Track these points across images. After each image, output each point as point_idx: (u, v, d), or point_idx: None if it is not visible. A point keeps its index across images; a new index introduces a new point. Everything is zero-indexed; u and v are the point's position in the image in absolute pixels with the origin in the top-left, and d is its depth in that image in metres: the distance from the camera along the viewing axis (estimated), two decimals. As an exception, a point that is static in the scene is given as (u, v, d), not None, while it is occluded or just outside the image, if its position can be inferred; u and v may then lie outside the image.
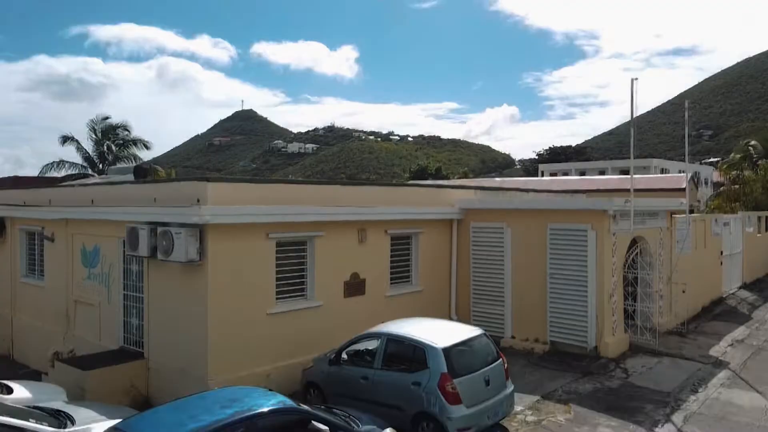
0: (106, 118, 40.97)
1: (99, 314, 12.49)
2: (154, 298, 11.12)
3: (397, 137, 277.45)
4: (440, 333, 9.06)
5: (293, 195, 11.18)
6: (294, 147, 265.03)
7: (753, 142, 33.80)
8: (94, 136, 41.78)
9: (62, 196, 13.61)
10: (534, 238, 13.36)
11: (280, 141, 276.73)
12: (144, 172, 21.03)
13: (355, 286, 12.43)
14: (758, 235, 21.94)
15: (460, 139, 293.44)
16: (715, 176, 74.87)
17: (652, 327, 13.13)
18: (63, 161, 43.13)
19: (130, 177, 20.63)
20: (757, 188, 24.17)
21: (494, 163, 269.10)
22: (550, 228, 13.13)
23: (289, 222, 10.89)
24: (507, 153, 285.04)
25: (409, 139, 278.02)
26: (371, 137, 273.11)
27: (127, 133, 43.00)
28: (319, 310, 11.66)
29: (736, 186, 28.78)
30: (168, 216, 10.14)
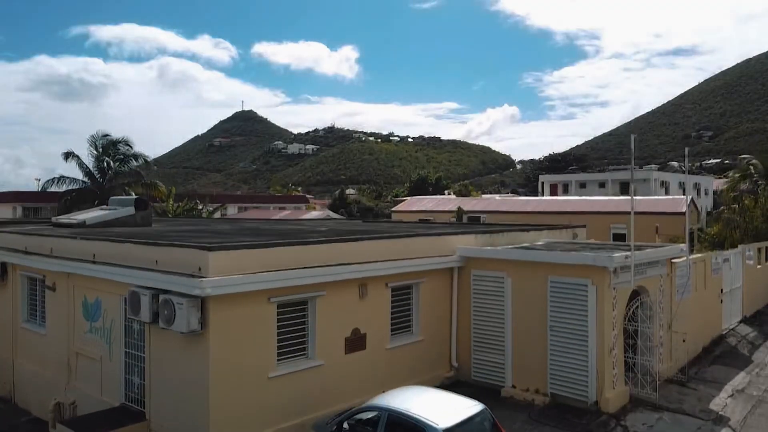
0: (107, 135, 41.18)
1: (101, 369, 12.50)
2: (156, 360, 11.13)
3: (397, 138, 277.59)
4: (442, 410, 9.07)
5: (294, 257, 11.18)
6: (294, 148, 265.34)
7: (754, 161, 33.84)
8: (94, 151, 41.99)
9: (64, 247, 13.58)
10: (534, 290, 13.38)
11: (280, 142, 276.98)
12: (144, 204, 21.01)
13: (356, 342, 12.45)
14: (758, 266, 21.95)
15: (460, 140, 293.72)
16: (715, 184, 75.24)
17: (653, 380, 13.13)
18: (63, 177, 43.39)
19: (131, 209, 20.70)
20: (757, 216, 24.19)
21: (494, 164, 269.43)
22: (551, 281, 13.15)
23: (290, 286, 10.93)
24: (507, 154, 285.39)
25: (410, 140, 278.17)
26: (371, 138, 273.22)
27: (128, 148, 43.22)
28: (321, 369, 11.68)
29: (735, 206, 28.84)
30: (170, 284, 10.16)
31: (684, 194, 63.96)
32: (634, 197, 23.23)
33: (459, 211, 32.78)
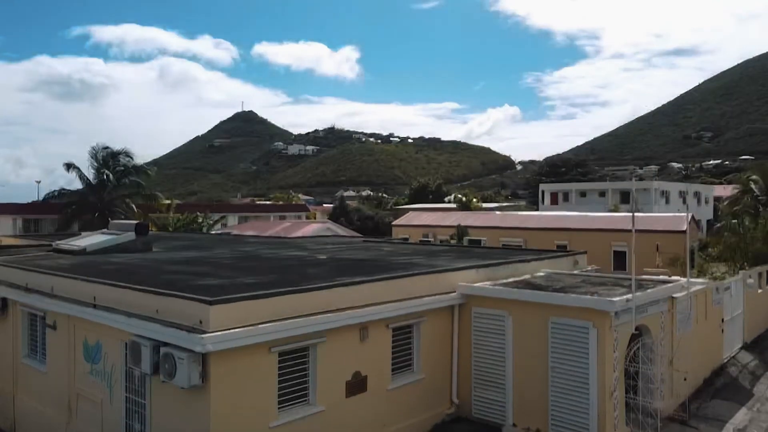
0: (107, 147, 41.37)
1: (101, 412, 12.48)
2: (157, 408, 11.12)
3: (397, 139, 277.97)
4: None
5: (295, 305, 11.16)
6: (294, 149, 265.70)
7: (754, 177, 33.89)
8: (95, 163, 42.15)
9: (65, 286, 13.56)
10: (535, 330, 13.37)
11: (280, 143, 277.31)
12: (145, 229, 21.04)
13: (356, 385, 12.44)
14: (759, 290, 21.95)
15: (460, 141, 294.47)
16: (717, 191, 75.38)
17: (654, 422, 13.13)
18: (64, 190, 43.51)
19: (132, 234, 20.72)
20: (757, 238, 24.17)
21: (495, 165, 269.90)
22: (552, 321, 13.14)
23: (292, 335, 10.94)
24: (507, 155, 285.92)
25: (410, 140, 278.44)
26: (371, 139, 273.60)
27: (128, 159, 43.36)
28: (321, 415, 11.67)
29: (736, 221, 28.96)
30: (171, 338, 10.16)
31: (684, 203, 64.19)
32: (635, 214, 23.12)
33: (459, 230, 32.69)
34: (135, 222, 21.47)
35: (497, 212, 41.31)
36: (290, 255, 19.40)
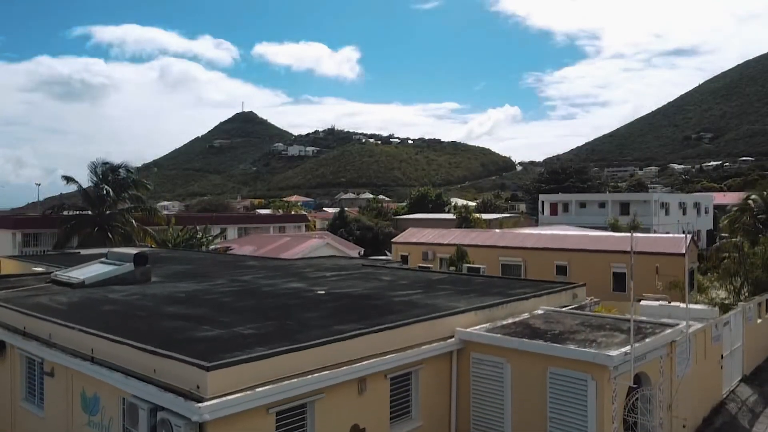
0: (106, 163, 41.33)
1: (100, 465, 12.47)
2: (155, 467, 11.09)
3: (397, 140, 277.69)
4: None
5: (294, 364, 11.14)
6: (294, 150, 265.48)
7: (753, 196, 33.94)
8: (94, 177, 42.14)
9: (62, 334, 13.53)
10: (534, 379, 13.35)
11: (280, 144, 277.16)
12: (144, 260, 21.00)
13: (355, 438, 12.42)
14: (758, 321, 21.92)
15: (460, 142, 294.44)
16: (717, 198, 75.40)
17: (653, 472, 13.12)
18: (63, 202, 43.44)
19: (131, 265, 20.71)
20: (756, 263, 24.12)
21: (495, 166, 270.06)
22: (551, 371, 13.12)
23: (289, 396, 10.92)
24: (507, 156, 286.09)
25: (410, 141, 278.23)
26: (371, 140, 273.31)
27: (129, 173, 43.35)
28: (319, 472, 11.65)
29: (734, 240, 28.95)
30: (168, 403, 10.13)
31: (684, 214, 64.17)
32: (634, 234, 23.02)
33: (458, 251, 32.67)
34: (134, 252, 21.40)
35: (497, 230, 41.28)
36: (289, 288, 19.35)
